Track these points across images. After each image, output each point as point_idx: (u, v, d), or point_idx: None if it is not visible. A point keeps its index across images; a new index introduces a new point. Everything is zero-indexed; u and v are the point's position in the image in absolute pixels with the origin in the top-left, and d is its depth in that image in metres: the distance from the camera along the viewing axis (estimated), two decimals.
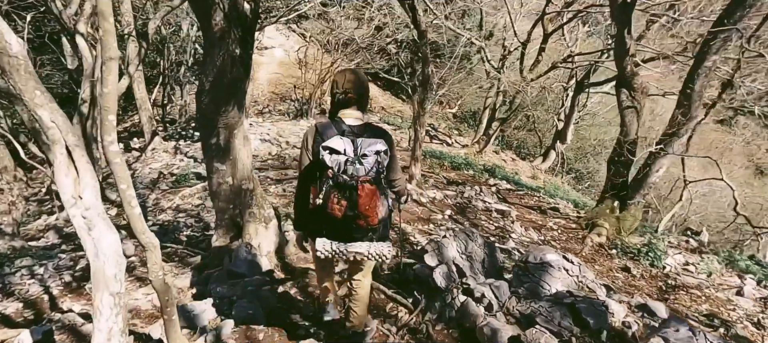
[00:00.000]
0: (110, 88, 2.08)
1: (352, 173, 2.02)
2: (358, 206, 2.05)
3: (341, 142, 2.06)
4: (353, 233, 2.17)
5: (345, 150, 2.05)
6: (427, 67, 5.98)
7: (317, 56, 13.82)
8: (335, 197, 2.03)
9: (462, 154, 12.92)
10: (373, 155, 2.05)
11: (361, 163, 2.03)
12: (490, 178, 9.65)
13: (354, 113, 2.24)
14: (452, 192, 6.94)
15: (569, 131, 15.03)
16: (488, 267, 3.21)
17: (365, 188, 2.04)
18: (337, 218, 2.06)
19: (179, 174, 8.19)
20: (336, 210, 2.04)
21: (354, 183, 2.02)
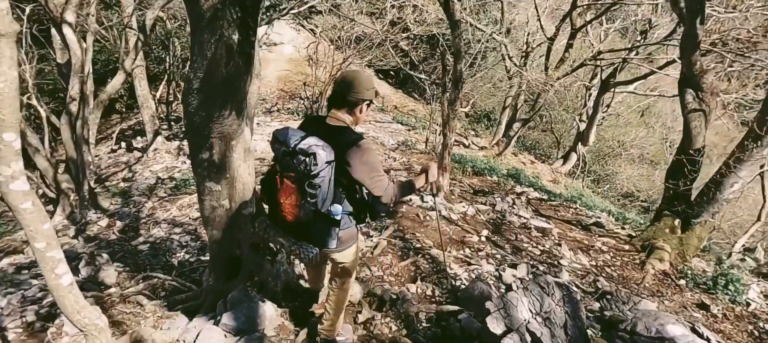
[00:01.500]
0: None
1: (285, 165, 2.08)
2: (277, 198, 2.08)
3: (288, 133, 2.08)
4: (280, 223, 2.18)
5: (287, 141, 2.06)
6: (461, 62, 5.05)
7: (328, 53, 12.92)
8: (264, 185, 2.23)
9: (481, 156, 11.98)
10: (302, 155, 1.97)
11: (292, 158, 2.00)
12: (516, 185, 8.71)
13: (338, 114, 2.18)
14: (484, 206, 6.00)
15: (592, 133, 14.02)
16: (573, 335, 2.29)
17: (284, 184, 2.05)
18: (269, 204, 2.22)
19: (179, 179, 7.33)
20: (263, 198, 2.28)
21: (279, 175, 2.06)
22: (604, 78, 12.99)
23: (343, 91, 2.16)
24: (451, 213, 5.39)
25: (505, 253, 4.56)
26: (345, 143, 2.05)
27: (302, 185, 2.01)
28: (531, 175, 11.84)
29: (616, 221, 7.14)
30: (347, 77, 2.19)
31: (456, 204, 5.84)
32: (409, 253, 4.21)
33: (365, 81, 2.17)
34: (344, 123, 2.16)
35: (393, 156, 9.23)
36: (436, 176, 2.40)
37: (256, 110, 13.21)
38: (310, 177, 1.98)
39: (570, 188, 12.77)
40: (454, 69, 5.16)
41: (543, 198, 7.80)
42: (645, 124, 19.03)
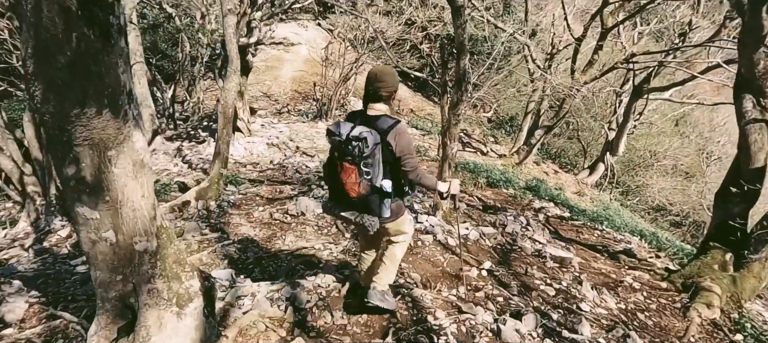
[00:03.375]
0: None
1: (340, 152, 2.41)
2: (339, 180, 2.45)
3: (342, 126, 2.42)
4: (343, 202, 2.55)
5: (340, 132, 2.39)
6: (464, 59, 4.12)
7: (341, 52, 12.14)
8: (327, 171, 2.59)
9: (499, 165, 10.92)
10: (355, 141, 2.33)
11: (347, 145, 2.35)
12: (534, 199, 7.67)
13: (377, 105, 2.49)
14: (491, 229, 5.02)
15: (622, 142, 12.74)
16: None
17: (344, 167, 2.40)
18: (331, 188, 2.64)
19: (162, 184, 6.62)
20: (328, 182, 2.63)
21: (338, 161, 2.43)
22: (637, 84, 11.72)
23: (376, 88, 2.46)
24: (448, 238, 4.44)
25: (510, 293, 3.58)
26: (387, 128, 2.40)
27: (359, 165, 2.37)
28: (553, 186, 10.71)
29: (649, 246, 6.02)
30: (378, 75, 2.46)
31: None
32: None
33: (392, 75, 2.49)
34: (382, 112, 2.49)
35: None
36: (457, 191, 2.88)
37: (266, 111, 12.55)
38: (364, 158, 2.35)
39: (596, 201, 11.55)
40: (456, 66, 4.22)
41: (564, 216, 6.73)
42: (680, 134, 17.46)
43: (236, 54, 5.23)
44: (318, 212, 4.96)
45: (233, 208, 5.33)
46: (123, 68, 1.85)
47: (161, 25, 12.55)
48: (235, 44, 5.17)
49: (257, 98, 13.95)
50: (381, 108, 2.48)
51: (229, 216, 5.04)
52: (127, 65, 1.89)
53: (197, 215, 5.10)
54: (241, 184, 6.37)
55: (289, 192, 5.81)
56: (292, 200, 5.45)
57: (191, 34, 11.23)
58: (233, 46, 5.16)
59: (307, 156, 8.03)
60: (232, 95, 5.32)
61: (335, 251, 4.08)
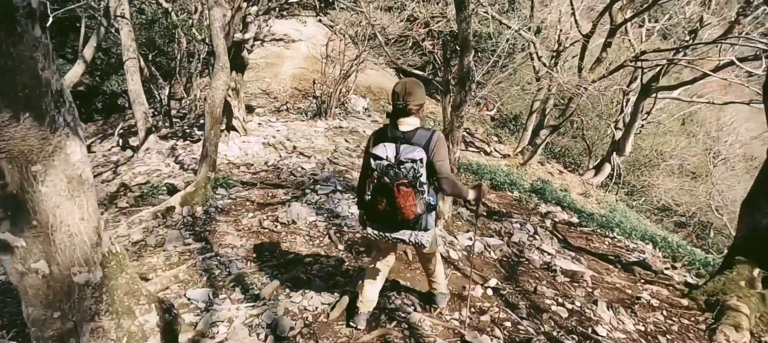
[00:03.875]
0: None
1: (392, 176, 2.29)
2: (396, 204, 2.30)
3: (385, 148, 2.33)
4: (395, 224, 2.42)
5: (387, 156, 2.31)
6: (468, 56, 3.72)
7: (342, 49, 11.74)
8: (379, 197, 2.34)
9: (503, 166, 10.52)
10: (410, 163, 2.28)
11: (399, 168, 2.28)
12: (540, 202, 7.27)
13: (408, 120, 2.41)
14: (496, 240, 4.63)
15: (629, 142, 12.30)
16: None
17: (401, 191, 2.29)
18: (382, 212, 2.36)
19: (150, 186, 6.25)
20: (379, 206, 2.35)
21: (392, 185, 2.28)
22: (645, 82, 11.28)
23: (406, 102, 2.38)
24: (450, 250, 4.05)
25: (518, 316, 3.20)
26: (427, 141, 2.36)
27: (414, 186, 2.30)
28: (558, 188, 10.30)
29: (663, 255, 5.62)
30: (407, 89, 2.39)
31: (460, 234, 4.50)
32: (381, 316, 2.93)
33: (420, 88, 2.42)
34: (415, 125, 2.42)
35: None
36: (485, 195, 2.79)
37: (265, 109, 12.18)
38: (419, 178, 2.30)
39: (603, 203, 11.15)
40: (459, 64, 3.83)
41: (572, 222, 6.33)
42: (686, 134, 17.00)
43: (224, 49, 4.85)
44: (310, 220, 4.59)
45: (221, 214, 4.96)
46: (44, 64, 1.47)
47: (157, 20, 12.16)
48: (222, 39, 4.78)
49: (256, 96, 13.58)
50: (413, 122, 2.41)
51: (215, 223, 4.67)
52: (49, 60, 1.50)
53: (182, 221, 4.73)
54: (232, 187, 6.00)
55: (282, 197, 5.44)
56: (285, 206, 5.07)
57: (187, 30, 10.86)
58: (220, 41, 4.78)
59: (304, 157, 7.65)
60: (220, 94, 4.94)
61: (327, 264, 3.70)
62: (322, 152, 8.22)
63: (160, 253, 4.07)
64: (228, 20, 7.59)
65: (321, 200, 5.11)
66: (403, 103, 2.36)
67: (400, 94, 2.38)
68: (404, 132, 2.36)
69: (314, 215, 4.67)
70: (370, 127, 11.23)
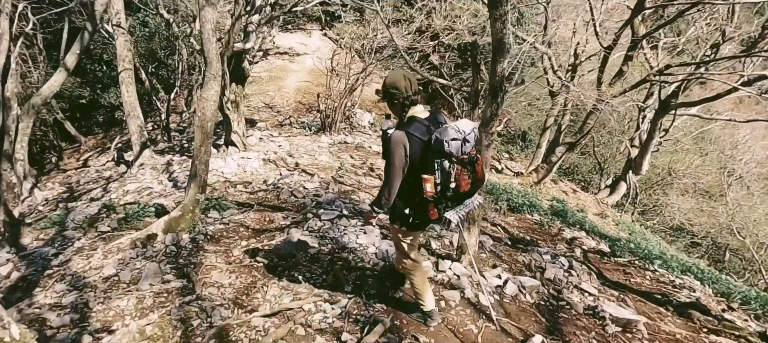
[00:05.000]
0: None
1: (468, 151, 2.31)
2: (478, 173, 2.39)
3: (451, 131, 2.25)
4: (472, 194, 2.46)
5: (458, 136, 2.27)
6: (503, 61, 3.05)
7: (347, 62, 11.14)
8: (465, 175, 2.32)
9: (516, 184, 9.80)
10: (474, 133, 2.34)
11: (468, 141, 2.30)
12: (563, 227, 6.54)
13: (422, 107, 2.43)
14: (531, 280, 3.88)
15: (646, 160, 11.56)
16: None
17: (480, 158, 2.39)
18: (467, 189, 2.36)
19: (136, 207, 5.55)
20: (468, 185, 2.34)
21: (473, 158, 2.34)
22: (664, 98, 10.60)
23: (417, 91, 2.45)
24: (480, 293, 3.32)
25: None
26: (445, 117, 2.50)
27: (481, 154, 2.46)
28: (575, 207, 9.56)
29: (713, 292, 4.86)
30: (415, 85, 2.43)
31: (488, 271, 3.76)
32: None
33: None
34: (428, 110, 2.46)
35: None
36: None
37: (267, 123, 11.53)
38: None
39: (621, 224, 10.38)
40: (492, 71, 3.14)
41: (602, 251, 5.59)
42: (700, 151, 16.23)
43: (217, 55, 4.19)
44: (312, 251, 3.87)
45: (210, 242, 4.26)
46: None
47: (158, 31, 11.61)
48: (214, 43, 4.12)
49: (259, 109, 12.95)
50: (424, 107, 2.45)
51: (202, 254, 3.96)
52: None
53: (164, 252, 4.02)
54: (225, 209, 5.29)
55: (281, 221, 4.72)
56: (283, 233, 4.36)
57: (186, 41, 10.28)
58: (212, 45, 4.12)
59: (306, 174, 6.96)
60: (211, 106, 4.27)
61: (331, 314, 2.98)
62: (325, 170, 7.53)
63: (133, 293, 3.36)
64: (227, 29, 6.99)
65: (324, 227, 4.40)
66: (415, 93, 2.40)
67: (403, 86, 2.38)
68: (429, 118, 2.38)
69: (316, 246, 3.95)
70: (376, 143, 10.56)
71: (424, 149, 2.28)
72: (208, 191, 5.71)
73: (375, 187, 6.83)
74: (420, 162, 2.30)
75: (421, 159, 2.30)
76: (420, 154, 2.30)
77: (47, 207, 7.69)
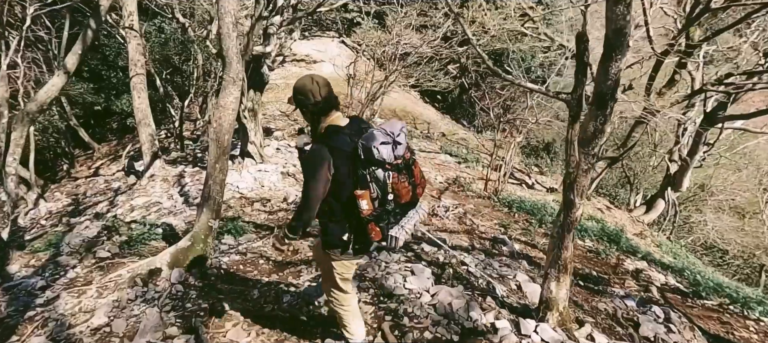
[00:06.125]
0: None
1: (401, 155, 1.97)
2: (416, 178, 2.06)
3: (380, 135, 1.93)
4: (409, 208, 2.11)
5: (386, 139, 1.93)
6: (619, 59, 2.22)
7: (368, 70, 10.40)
8: (403, 182, 1.98)
9: (551, 202, 8.89)
10: (402, 133, 1.99)
11: (399, 143, 1.96)
12: (622, 256, 5.65)
13: (339, 113, 2.10)
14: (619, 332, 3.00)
15: (687, 176, 10.56)
16: None
17: (416, 162, 2.08)
18: (409, 199, 2.03)
19: (141, 229, 4.78)
20: (409, 193, 2.01)
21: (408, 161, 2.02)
22: (710, 110, 9.63)
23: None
24: None
25: None
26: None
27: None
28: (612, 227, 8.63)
29: None
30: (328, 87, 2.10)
31: (577, 331, 2.89)
32: None
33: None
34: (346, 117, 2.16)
35: (444, 203, 6.34)
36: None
37: (283, 132, 10.78)
38: None
39: (664, 247, 9.40)
40: (601, 73, 2.31)
41: (681, 290, 4.68)
42: (736, 167, 15.13)
43: (237, 56, 3.41)
44: None
45: (224, 279, 3.45)
46: None
47: (173, 36, 10.97)
48: (234, 40, 3.35)
49: (275, 118, 12.22)
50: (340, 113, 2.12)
51: (214, 298, 3.15)
52: None
53: (168, 293, 3.22)
54: (242, 233, 4.51)
55: (307, 252, 3.90)
56: (310, 267, 3.54)
57: (203, 46, 9.61)
58: (232, 42, 3.34)
59: None
60: (229, 115, 3.48)
61: None
62: None
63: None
64: (247, 31, 6.26)
65: (362, 263, 3.57)
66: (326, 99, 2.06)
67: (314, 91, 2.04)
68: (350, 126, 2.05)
69: (356, 290, 3.12)
70: None
71: (352, 161, 1.93)
72: (223, 208, 4.93)
73: None
74: (350, 177, 1.94)
75: (351, 173, 1.94)
76: (348, 168, 1.94)
77: (50, 221, 6.99)
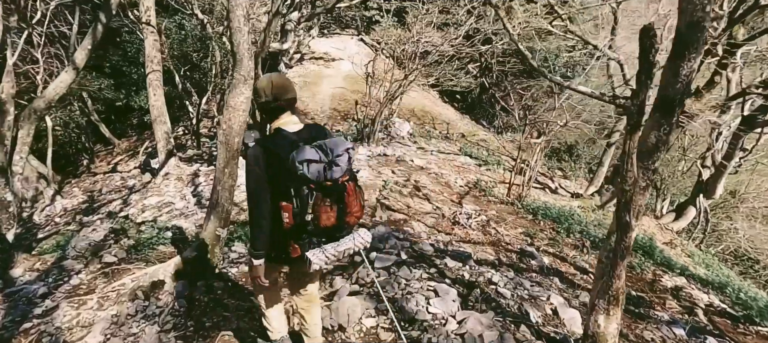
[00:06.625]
0: None
1: (332, 177, 1.81)
2: (347, 206, 1.88)
3: (310, 151, 1.80)
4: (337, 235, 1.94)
5: (320, 157, 1.81)
6: (694, 57, 1.83)
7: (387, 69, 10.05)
8: (326, 206, 1.82)
9: (577, 208, 8.42)
10: (345, 154, 1.85)
11: (337, 165, 1.82)
12: (657, 270, 5.20)
13: (294, 118, 2.00)
14: None
15: (721, 182, 9.92)
16: None
17: (349, 187, 1.88)
18: (330, 226, 1.85)
19: (151, 231, 4.55)
20: (329, 219, 1.83)
21: (339, 186, 1.84)
22: (748, 113, 9.00)
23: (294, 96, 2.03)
24: None
25: None
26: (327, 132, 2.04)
27: (355, 179, 1.95)
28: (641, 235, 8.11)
29: None
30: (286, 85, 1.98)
31: None
32: None
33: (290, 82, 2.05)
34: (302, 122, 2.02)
35: (466, 210, 5.97)
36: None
37: None
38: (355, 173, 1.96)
39: (696, 257, 8.82)
40: (669, 72, 1.92)
41: (730, 313, 4.22)
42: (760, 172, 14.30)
43: (248, 52, 3.11)
44: (368, 324, 2.71)
45: (233, 294, 3.17)
46: None
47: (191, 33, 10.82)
48: (245, 35, 3.05)
49: None
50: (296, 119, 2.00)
51: (220, 316, 2.87)
52: None
53: (170, 309, 2.95)
54: None
55: None
56: (325, 285, 3.23)
57: (221, 42, 9.40)
58: (243, 37, 3.05)
59: None
60: (239, 116, 3.19)
61: None
62: (367, 188, 6.40)
63: None
64: (263, 27, 5.99)
65: (380, 280, 3.24)
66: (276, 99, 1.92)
67: (267, 90, 1.92)
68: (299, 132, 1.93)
69: (373, 313, 2.79)
70: (416, 155, 9.39)
71: (283, 170, 1.83)
72: (234, 212, 4.67)
73: (427, 213, 5.65)
74: (280, 185, 1.85)
75: (282, 181, 1.84)
76: (281, 175, 1.84)
77: (64, 218, 6.87)
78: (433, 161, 9.00)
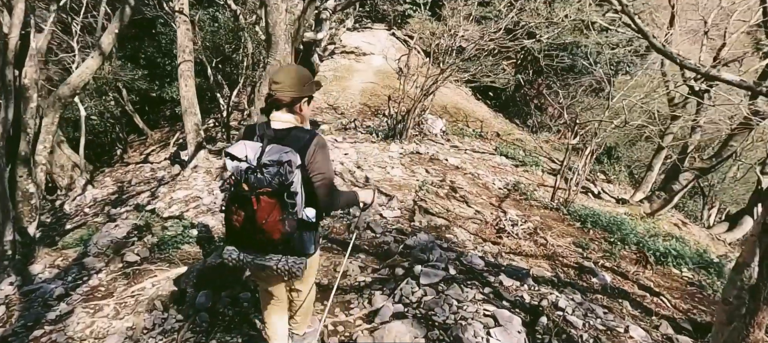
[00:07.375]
0: None
1: (253, 183, 1.62)
2: (256, 220, 1.63)
3: (244, 148, 1.64)
4: (257, 245, 1.72)
5: (246, 157, 1.63)
6: None
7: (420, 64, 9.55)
8: (234, 208, 1.68)
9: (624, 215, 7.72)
10: (275, 166, 1.59)
11: (261, 174, 1.60)
12: None
13: (283, 116, 1.75)
14: None
15: None
16: None
17: (262, 201, 1.61)
18: (238, 229, 1.68)
19: (174, 230, 4.24)
20: (234, 221, 1.68)
21: (250, 194, 1.61)
22: None
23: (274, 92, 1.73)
24: None
25: None
26: (304, 143, 1.69)
27: (281, 197, 1.63)
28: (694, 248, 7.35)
29: None
30: (281, 75, 1.74)
31: None
32: None
33: (299, 76, 1.74)
34: (292, 123, 1.75)
35: (511, 216, 5.43)
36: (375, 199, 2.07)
37: (330, 127, 10.16)
38: (288, 187, 1.62)
39: None
40: None
41: None
42: None
43: (285, 35, 2.70)
44: None
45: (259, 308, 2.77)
46: None
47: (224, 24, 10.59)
48: (283, 14, 2.64)
49: (322, 110, 11.65)
50: (287, 118, 1.73)
51: (245, 337, 2.47)
52: None
53: (191, 323, 2.57)
54: None
55: (358, 276, 3.16)
56: (361, 296, 2.80)
57: (253, 33, 9.12)
58: (280, 16, 2.63)
59: (383, 195, 5.41)
60: None
61: None
62: (402, 189, 5.95)
63: None
64: (297, 16, 5.60)
65: (426, 298, 2.78)
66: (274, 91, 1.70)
67: (272, 80, 1.73)
68: (275, 130, 1.70)
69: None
70: (449, 154, 8.86)
71: None
72: None
73: (469, 218, 5.15)
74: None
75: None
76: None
77: (93, 209, 6.71)
78: (467, 160, 8.46)
